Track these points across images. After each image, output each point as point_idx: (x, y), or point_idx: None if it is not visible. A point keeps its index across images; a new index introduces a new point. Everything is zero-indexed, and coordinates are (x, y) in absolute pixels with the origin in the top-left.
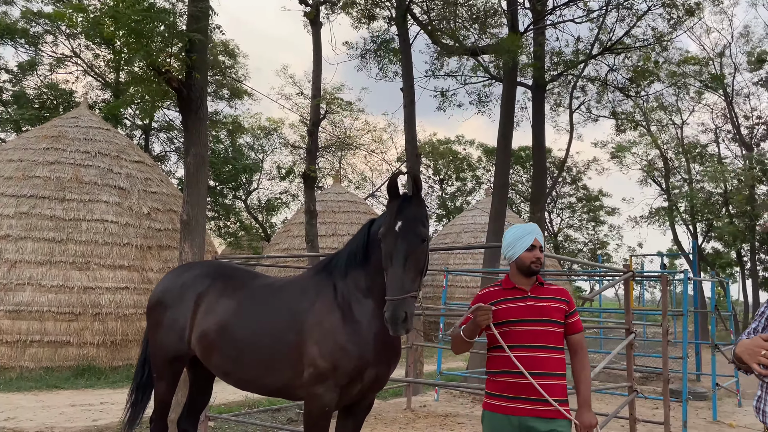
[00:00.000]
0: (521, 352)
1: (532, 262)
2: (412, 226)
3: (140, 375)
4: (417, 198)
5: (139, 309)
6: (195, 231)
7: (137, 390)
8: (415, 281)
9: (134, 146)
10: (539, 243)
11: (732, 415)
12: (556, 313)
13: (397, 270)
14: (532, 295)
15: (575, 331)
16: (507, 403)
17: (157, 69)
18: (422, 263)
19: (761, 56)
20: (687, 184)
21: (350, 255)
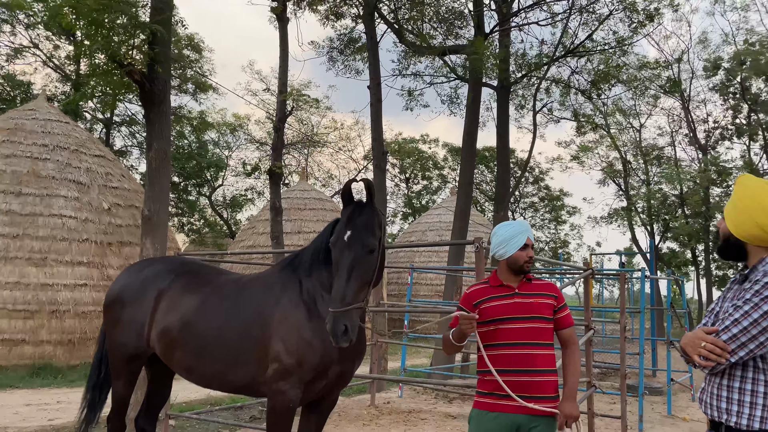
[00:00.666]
0: (511, 350)
1: (525, 262)
2: (360, 236)
3: (96, 374)
4: (369, 206)
5: (98, 306)
6: (157, 227)
7: (93, 390)
8: (360, 293)
9: (94, 140)
10: (531, 241)
11: (686, 410)
12: (545, 309)
13: (341, 281)
14: (520, 291)
15: (565, 326)
16: (497, 401)
17: (119, 61)
18: (370, 274)
19: (717, 62)
20: (645, 185)
21: (314, 253)
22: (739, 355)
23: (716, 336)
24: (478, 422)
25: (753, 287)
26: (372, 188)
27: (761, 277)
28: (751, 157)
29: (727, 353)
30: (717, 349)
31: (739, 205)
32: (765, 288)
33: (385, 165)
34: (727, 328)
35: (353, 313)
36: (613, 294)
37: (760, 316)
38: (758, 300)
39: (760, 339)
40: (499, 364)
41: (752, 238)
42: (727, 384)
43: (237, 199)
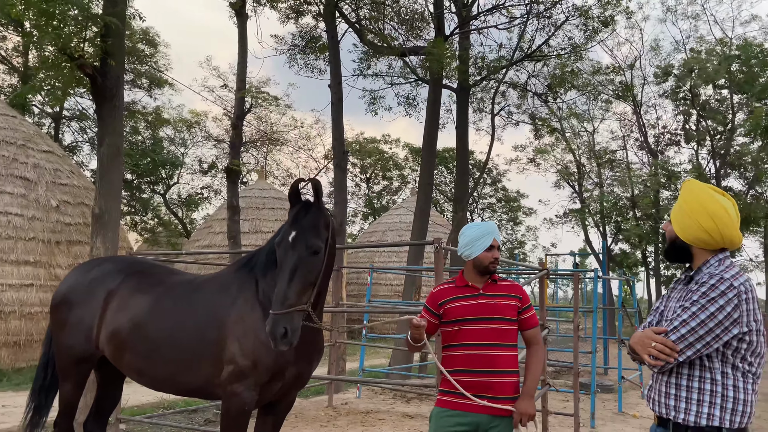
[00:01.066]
0: (473, 350)
1: (490, 262)
2: (304, 237)
3: (42, 377)
4: (316, 206)
5: (45, 307)
6: (108, 225)
7: (39, 393)
8: (303, 294)
9: (43, 135)
10: (497, 243)
11: (636, 406)
12: (508, 310)
13: (282, 283)
14: (485, 292)
15: (529, 327)
16: (457, 400)
17: (70, 54)
18: (314, 276)
19: (667, 69)
20: (598, 187)
21: (268, 253)
22: (687, 355)
23: (665, 336)
24: (438, 420)
25: (700, 289)
26: (320, 188)
27: (707, 279)
28: (699, 161)
29: (676, 353)
30: (666, 348)
31: (686, 209)
32: (711, 290)
33: (346, 165)
34: (675, 329)
35: (294, 315)
36: (567, 294)
37: (707, 317)
38: (705, 302)
39: (706, 339)
40: (461, 364)
41: (697, 241)
42: (675, 382)
43: (193, 197)
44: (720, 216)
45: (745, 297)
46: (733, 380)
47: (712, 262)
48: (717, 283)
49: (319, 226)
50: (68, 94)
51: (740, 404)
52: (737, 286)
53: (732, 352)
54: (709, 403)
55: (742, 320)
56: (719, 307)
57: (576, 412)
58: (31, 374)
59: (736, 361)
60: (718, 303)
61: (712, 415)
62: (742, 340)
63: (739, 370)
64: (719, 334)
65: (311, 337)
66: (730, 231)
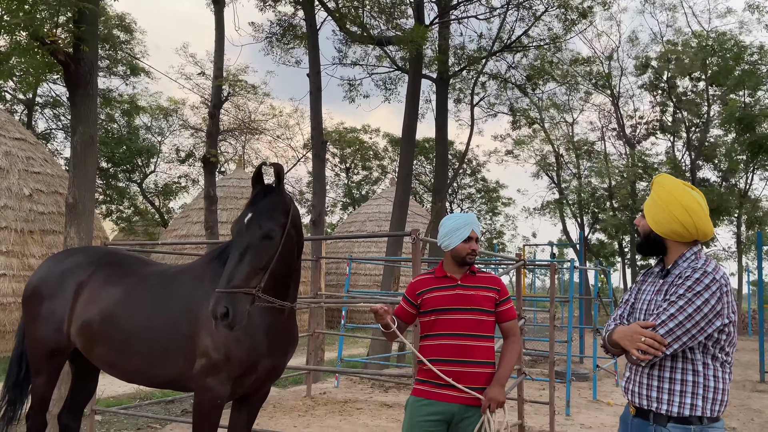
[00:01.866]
0: (449, 340)
1: (468, 254)
2: (258, 220)
3: (16, 371)
4: (276, 191)
5: (18, 297)
6: (82, 215)
7: (14, 388)
8: (252, 278)
9: (15, 122)
10: (476, 234)
11: (610, 394)
12: (485, 301)
13: (231, 262)
14: (462, 283)
15: (506, 319)
16: (432, 389)
17: (42, 39)
18: (264, 260)
19: (645, 61)
20: (576, 178)
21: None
22: (674, 348)
23: (653, 330)
24: (412, 409)
25: (685, 283)
26: (281, 173)
27: (691, 273)
28: (675, 153)
29: (664, 346)
30: (656, 343)
31: (659, 202)
32: (696, 284)
33: (325, 154)
34: (663, 323)
35: (241, 297)
36: (545, 283)
37: (694, 310)
38: (691, 295)
39: (692, 332)
40: (436, 354)
41: (672, 234)
42: (657, 374)
43: (170, 186)
44: (694, 209)
45: (726, 290)
46: (713, 370)
47: (688, 256)
48: (701, 276)
49: (276, 210)
50: (41, 80)
51: (719, 393)
52: (719, 279)
53: (713, 343)
54: (692, 393)
55: (723, 312)
56: (705, 300)
57: (551, 400)
58: (3, 366)
59: (715, 351)
60: (704, 296)
61: (695, 405)
62: (722, 332)
63: (718, 360)
64: (704, 327)
65: (286, 330)
66: (703, 223)
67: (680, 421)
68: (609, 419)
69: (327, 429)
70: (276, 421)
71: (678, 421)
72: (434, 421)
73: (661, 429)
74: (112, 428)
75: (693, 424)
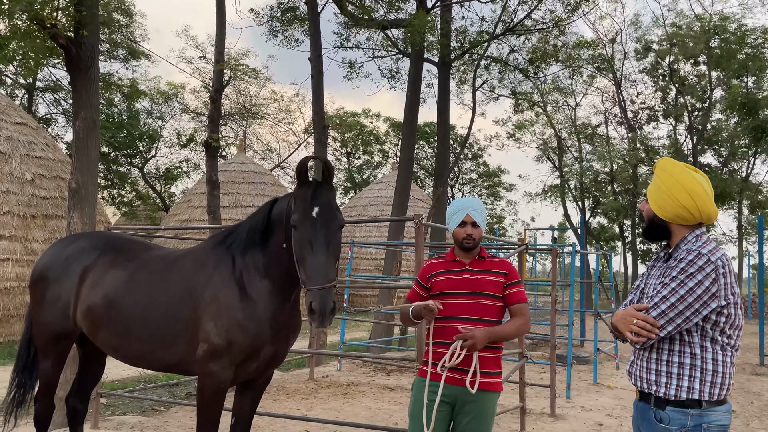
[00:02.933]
0: (455, 324)
1: (463, 239)
2: (330, 213)
3: (25, 355)
4: (329, 185)
5: (22, 282)
6: (85, 200)
7: (23, 372)
8: (336, 269)
9: (16, 107)
10: (471, 219)
11: (610, 377)
12: (492, 286)
13: (321, 258)
14: (470, 268)
15: (514, 302)
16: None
17: (42, 23)
18: (339, 251)
19: (647, 45)
20: (578, 162)
21: (249, 233)
22: (668, 330)
23: (646, 313)
24: (418, 389)
25: (678, 265)
26: (331, 167)
27: (685, 255)
28: (677, 137)
29: (657, 329)
30: (648, 325)
31: (662, 187)
32: (689, 265)
33: (327, 139)
34: (656, 305)
35: (332, 291)
36: (545, 267)
37: (686, 292)
38: (683, 277)
39: (686, 314)
40: (444, 337)
41: (676, 218)
42: (656, 357)
43: (171, 171)
44: (697, 192)
45: (723, 271)
46: (712, 353)
47: (689, 239)
48: (695, 258)
49: (336, 202)
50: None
51: (719, 377)
52: (714, 261)
53: (711, 326)
54: (689, 376)
55: (720, 294)
56: (698, 281)
57: (552, 383)
58: (8, 350)
59: (715, 334)
60: (697, 278)
61: (692, 388)
62: (720, 314)
63: (718, 344)
64: (698, 309)
65: (289, 317)
66: (707, 206)
67: (678, 404)
68: (609, 402)
69: (330, 412)
70: (279, 404)
71: (676, 404)
72: (439, 403)
73: (660, 413)
74: (117, 411)
75: (692, 407)
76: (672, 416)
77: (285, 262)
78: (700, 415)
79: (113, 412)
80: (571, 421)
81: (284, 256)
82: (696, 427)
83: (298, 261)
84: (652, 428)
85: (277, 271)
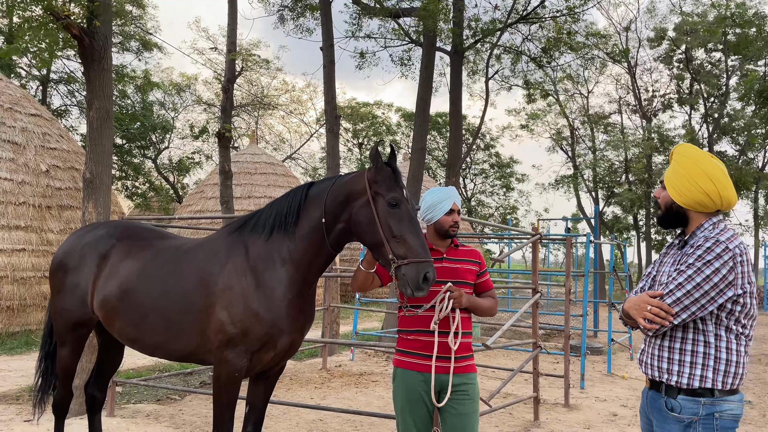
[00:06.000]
0: (432, 312)
1: (450, 226)
2: (411, 196)
3: (48, 343)
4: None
5: (38, 272)
6: (99, 190)
7: (46, 358)
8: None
9: (30, 98)
10: (457, 207)
11: (624, 368)
12: (469, 274)
13: (419, 236)
14: (447, 256)
15: (486, 289)
16: (422, 361)
17: (56, 14)
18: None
19: (662, 33)
20: (591, 152)
21: (280, 215)
22: (682, 318)
23: (660, 300)
24: (402, 380)
25: (695, 252)
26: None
27: (702, 242)
28: (692, 126)
29: (671, 316)
30: (662, 312)
31: (683, 173)
32: (707, 252)
33: (338, 129)
34: (671, 292)
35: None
36: (557, 258)
37: (702, 279)
38: (700, 264)
39: (701, 302)
40: (419, 325)
41: (696, 205)
42: (668, 345)
43: (184, 162)
44: (718, 177)
45: (740, 259)
46: (726, 342)
47: (706, 226)
48: (713, 245)
49: None
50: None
51: (733, 366)
52: (732, 249)
53: (726, 315)
54: (702, 365)
55: (737, 282)
56: (715, 269)
57: (566, 374)
58: (25, 338)
59: (729, 323)
60: (714, 265)
61: (705, 377)
62: (736, 303)
63: (732, 333)
64: (714, 297)
65: (304, 307)
66: (728, 191)
67: (690, 393)
68: (623, 392)
69: (343, 401)
70: (293, 393)
71: (688, 393)
72: (427, 392)
73: (672, 401)
74: (132, 399)
75: (704, 396)
76: (683, 405)
77: (317, 244)
78: (712, 403)
79: (129, 401)
80: (585, 411)
81: (317, 236)
82: (708, 416)
83: (393, 237)
84: (662, 417)
85: (302, 255)
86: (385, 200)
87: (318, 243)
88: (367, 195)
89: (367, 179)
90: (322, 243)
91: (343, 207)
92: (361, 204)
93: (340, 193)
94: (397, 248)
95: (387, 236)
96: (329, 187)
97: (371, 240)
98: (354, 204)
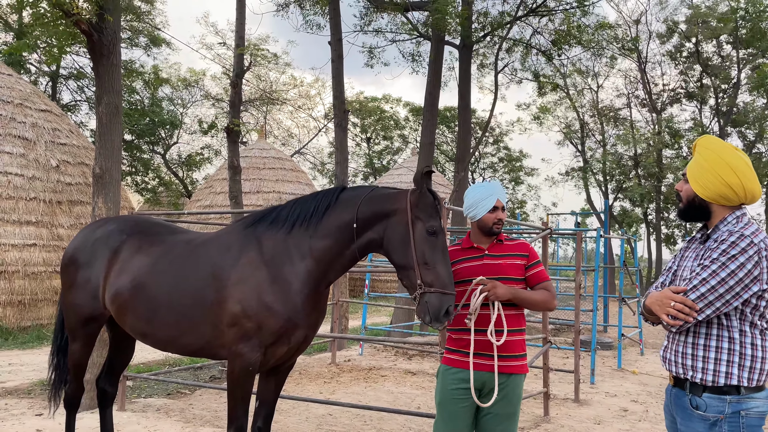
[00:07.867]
0: (480, 310)
1: (494, 224)
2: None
3: (60, 337)
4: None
5: (49, 267)
6: (109, 185)
7: (58, 353)
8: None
9: (40, 94)
10: (501, 204)
11: (635, 363)
12: (513, 269)
13: (450, 268)
14: (489, 253)
15: (537, 282)
16: (462, 358)
17: (65, 10)
18: None
19: (672, 26)
20: (601, 146)
21: (305, 212)
22: (706, 314)
23: (684, 295)
24: (444, 378)
25: (720, 246)
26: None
27: (727, 237)
28: (702, 119)
29: (695, 312)
30: (685, 308)
31: (706, 165)
32: (731, 247)
33: (347, 124)
34: (695, 288)
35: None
36: (567, 252)
37: (727, 275)
38: (725, 259)
39: (726, 297)
40: (462, 324)
41: (719, 198)
42: (693, 342)
43: (193, 157)
44: (742, 169)
45: (766, 254)
46: (751, 338)
47: (729, 220)
48: (737, 240)
49: None
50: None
51: (759, 362)
52: (758, 243)
53: (751, 310)
54: (727, 361)
55: (762, 277)
56: (740, 264)
57: (576, 369)
58: (36, 333)
59: (754, 318)
60: (739, 260)
61: (730, 373)
62: (761, 298)
63: (757, 328)
64: (739, 292)
65: (318, 302)
66: (752, 184)
67: (716, 390)
68: (634, 387)
69: (352, 396)
70: (302, 387)
71: (713, 390)
72: (465, 389)
73: (697, 399)
74: (143, 393)
75: (730, 394)
76: (709, 403)
77: (342, 244)
78: (738, 401)
79: (139, 395)
80: (596, 406)
81: (343, 237)
82: (734, 414)
83: (424, 263)
84: (687, 415)
85: (321, 253)
86: (425, 226)
87: (343, 243)
88: (407, 216)
89: (410, 201)
90: (348, 244)
91: (377, 219)
92: (399, 222)
93: (378, 204)
94: (426, 275)
95: (419, 261)
96: (365, 194)
97: (400, 260)
98: (391, 220)
